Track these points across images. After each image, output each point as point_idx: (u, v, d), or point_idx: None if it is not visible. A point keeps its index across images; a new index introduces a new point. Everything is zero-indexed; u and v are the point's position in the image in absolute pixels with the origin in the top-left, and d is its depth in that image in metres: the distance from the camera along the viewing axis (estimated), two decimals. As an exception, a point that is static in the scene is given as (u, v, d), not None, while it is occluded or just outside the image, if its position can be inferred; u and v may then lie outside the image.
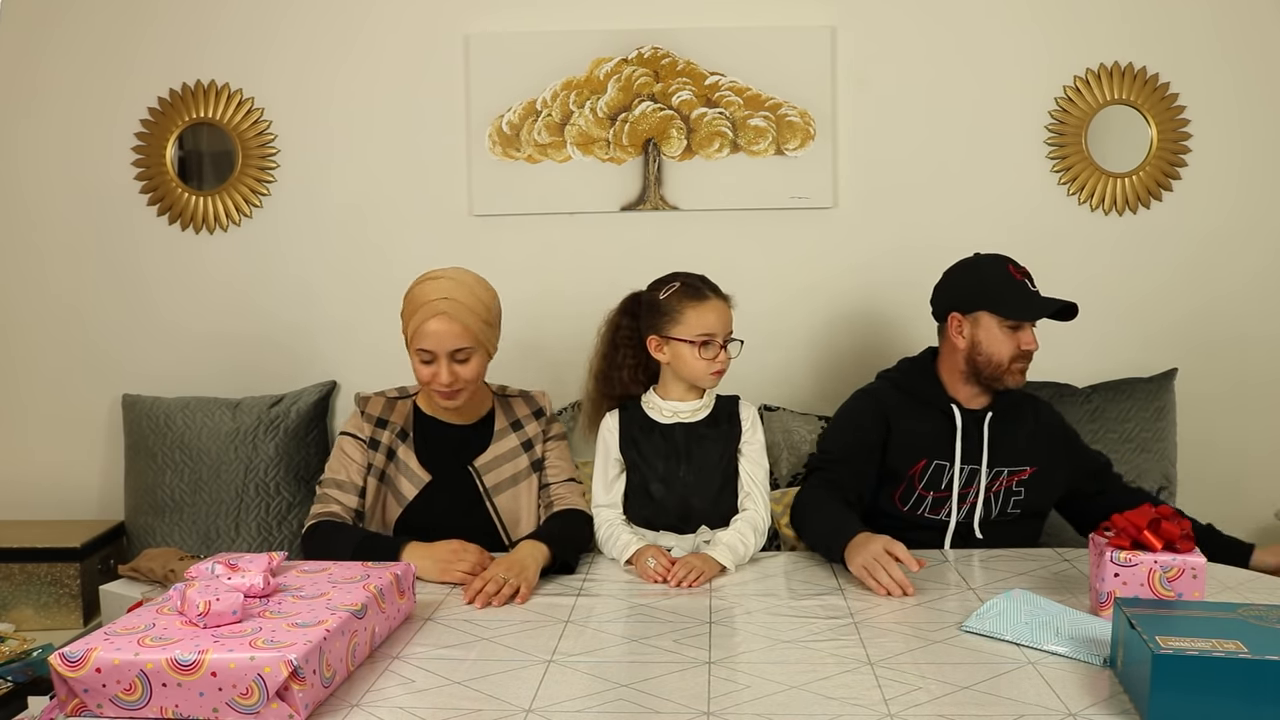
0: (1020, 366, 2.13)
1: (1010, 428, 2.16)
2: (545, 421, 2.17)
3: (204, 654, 1.28)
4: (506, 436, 2.13)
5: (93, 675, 1.29)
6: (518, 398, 2.19)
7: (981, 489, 2.14)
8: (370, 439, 2.08)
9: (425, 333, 1.98)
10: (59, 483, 3.01)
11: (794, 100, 2.87)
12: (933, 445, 2.14)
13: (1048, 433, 2.21)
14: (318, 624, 1.38)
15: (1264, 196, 2.90)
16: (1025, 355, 2.13)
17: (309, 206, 2.97)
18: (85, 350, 3.01)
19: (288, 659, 1.27)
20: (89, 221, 2.98)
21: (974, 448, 2.14)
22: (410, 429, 2.10)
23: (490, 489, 2.09)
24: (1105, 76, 2.87)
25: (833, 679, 1.42)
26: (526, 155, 2.91)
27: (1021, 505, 2.16)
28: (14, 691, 2.30)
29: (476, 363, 2.03)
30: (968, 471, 2.14)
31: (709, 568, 1.88)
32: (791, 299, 2.94)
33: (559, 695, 1.38)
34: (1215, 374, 2.92)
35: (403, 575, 1.66)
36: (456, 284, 2.01)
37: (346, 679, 1.43)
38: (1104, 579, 1.61)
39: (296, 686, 1.28)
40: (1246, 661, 1.22)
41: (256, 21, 2.93)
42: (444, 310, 1.97)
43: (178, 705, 1.29)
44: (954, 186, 2.92)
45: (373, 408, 2.11)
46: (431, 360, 2.00)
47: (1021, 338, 2.11)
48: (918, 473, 2.13)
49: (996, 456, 2.14)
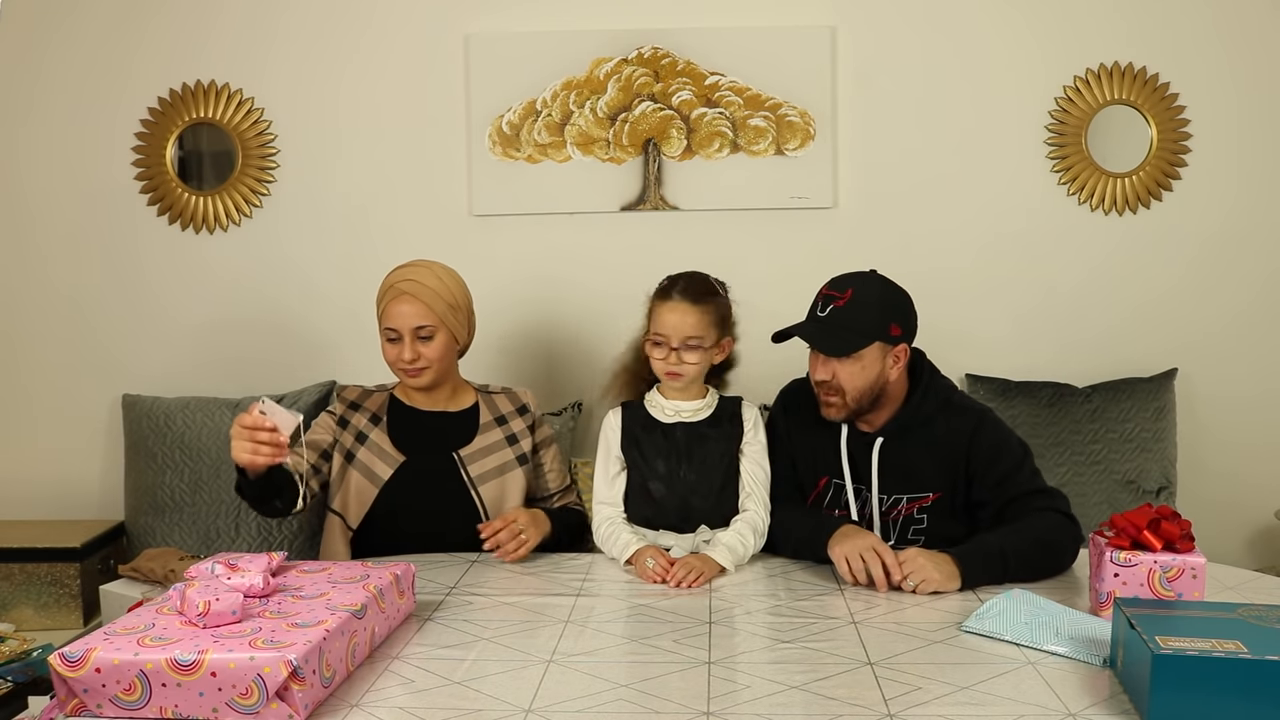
0: (823, 398, 1.99)
1: (910, 450, 2.00)
2: (530, 418, 2.26)
3: (204, 654, 1.28)
4: (491, 430, 2.23)
5: (92, 675, 1.29)
6: (500, 394, 2.28)
7: (875, 514, 2.02)
8: (340, 418, 2.20)
9: (389, 313, 2.13)
10: (59, 483, 3.01)
11: (794, 100, 2.87)
12: (828, 463, 2.05)
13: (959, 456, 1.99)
14: (317, 624, 1.38)
15: (1264, 196, 2.90)
16: (820, 385, 1.98)
17: (309, 206, 2.97)
18: (85, 350, 3.01)
19: (287, 659, 1.27)
20: (89, 221, 2.98)
21: (864, 471, 2.02)
22: (384, 414, 2.21)
23: (475, 479, 2.17)
24: (1105, 76, 2.87)
25: (833, 679, 1.42)
26: (526, 155, 2.91)
27: (924, 533, 1.99)
28: (14, 691, 2.30)
29: (440, 343, 2.14)
30: (863, 494, 2.03)
31: (709, 568, 1.88)
32: (791, 299, 2.92)
33: (559, 695, 1.38)
34: (1215, 374, 2.92)
35: (402, 575, 1.66)
36: (422, 269, 2.16)
37: (346, 679, 1.43)
38: (1104, 579, 1.61)
39: (296, 686, 1.28)
40: (1246, 661, 1.22)
41: (256, 21, 2.93)
42: (407, 290, 2.12)
43: (177, 705, 1.29)
44: (954, 186, 2.92)
45: (348, 393, 2.25)
46: (397, 339, 2.12)
47: (811, 364, 2.00)
48: (819, 491, 2.08)
49: (889, 482, 2.00)
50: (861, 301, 1.95)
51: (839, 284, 1.98)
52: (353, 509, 2.15)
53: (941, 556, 1.80)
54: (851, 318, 1.93)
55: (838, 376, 1.96)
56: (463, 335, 2.21)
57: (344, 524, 2.16)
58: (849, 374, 1.95)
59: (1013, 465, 1.98)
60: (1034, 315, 2.94)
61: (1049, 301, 2.94)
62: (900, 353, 1.99)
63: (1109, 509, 2.64)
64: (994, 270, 2.92)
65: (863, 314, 1.94)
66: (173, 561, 2.56)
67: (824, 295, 1.98)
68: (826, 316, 1.95)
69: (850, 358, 1.94)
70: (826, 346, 1.95)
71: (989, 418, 2.04)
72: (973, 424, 2.00)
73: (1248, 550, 2.95)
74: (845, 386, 1.96)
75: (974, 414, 2.03)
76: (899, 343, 1.98)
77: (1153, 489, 2.75)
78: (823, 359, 1.97)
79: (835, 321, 1.94)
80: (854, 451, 2.03)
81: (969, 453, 1.98)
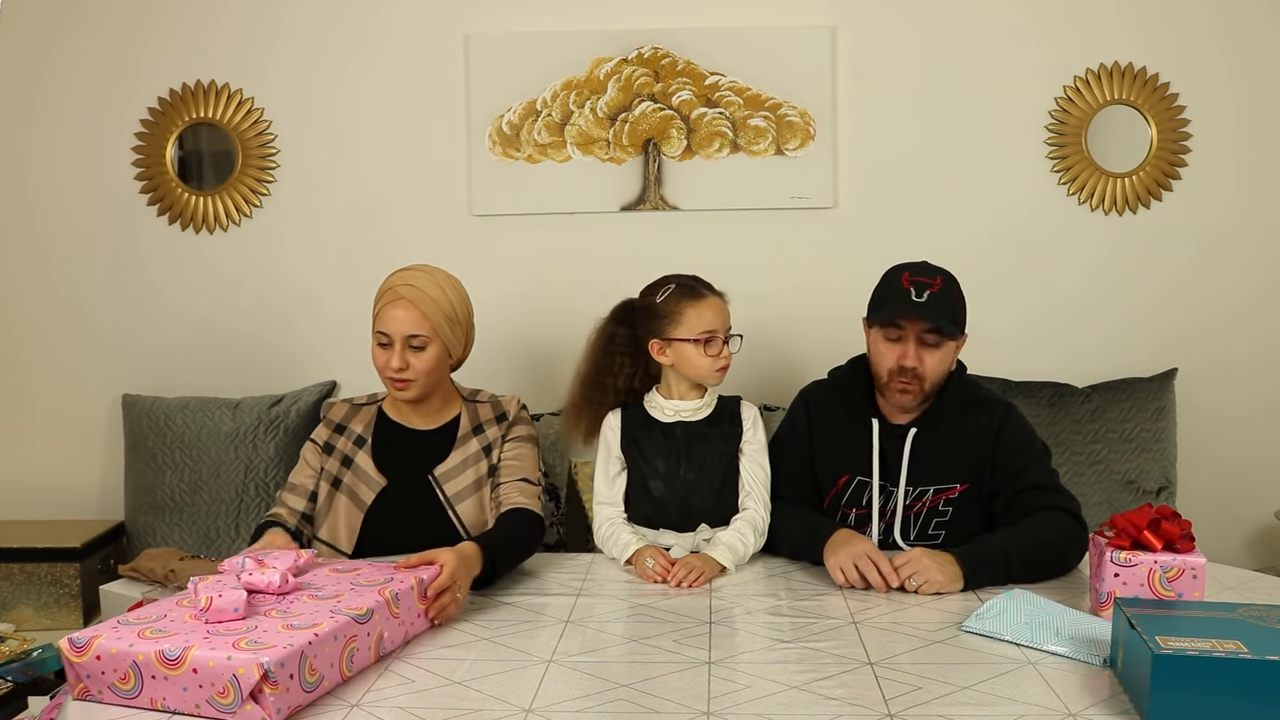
0: (900, 385, 1.96)
1: (940, 442, 2.01)
2: (506, 425, 2.11)
3: (188, 650, 1.30)
4: (468, 442, 2.09)
5: (93, 662, 1.32)
6: (486, 403, 2.14)
7: (899, 509, 2.01)
8: (325, 444, 2.09)
9: (384, 316, 2.02)
10: (59, 483, 3.01)
11: (794, 100, 2.87)
12: (854, 460, 2.05)
13: (986, 447, 2.01)
14: (310, 627, 1.37)
15: (1264, 196, 2.90)
16: (903, 371, 1.95)
17: (309, 206, 2.97)
18: (85, 350, 3.01)
19: (260, 661, 1.27)
20: (89, 222, 2.98)
21: (894, 465, 2.02)
22: (370, 435, 2.09)
23: (451, 498, 2.05)
24: (1105, 76, 2.87)
25: (833, 679, 1.42)
26: (526, 155, 2.91)
27: (946, 527, 2.00)
28: (14, 691, 2.30)
29: (431, 355, 2.01)
30: (887, 490, 2.03)
31: (709, 568, 1.88)
32: (791, 299, 2.94)
33: (559, 695, 1.38)
34: (1215, 374, 2.92)
35: (429, 579, 1.62)
36: (424, 275, 2.05)
37: (344, 683, 1.42)
38: (1104, 579, 1.61)
39: (269, 690, 1.28)
40: (1246, 661, 1.22)
41: (257, 21, 2.93)
42: (405, 296, 2.00)
43: (165, 698, 1.31)
44: (954, 186, 2.92)
45: (334, 414, 2.12)
46: (388, 344, 2.01)
47: (898, 350, 1.95)
48: (839, 489, 2.07)
49: (918, 474, 2.01)
50: (951, 289, 1.97)
51: (925, 271, 1.97)
52: (343, 534, 2.04)
53: (945, 557, 1.80)
54: (948, 304, 1.95)
55: (925, 363, 1.95)
56: (457, 350, 2.08)
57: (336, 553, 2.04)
58: (935, 360, 1.96)
59: (1032, 459, 2.00)
60: (1034, 315, 2.94)
61: (1049, 302, 2.94)
62: (962, 344, 2.03)
63: (1109, 509, 2.64)
64: (994, 270, 2.92)
65: (955, 301, 1.97)
66: (173, 561, 2.55)
67: (915, 281, 1.94)
68: (927, 301, 1.92)
69: (941, 345, 1.95)
70: (946, 327, 1.93)
71: (1015, 411, 2.07)
72: (1001, 416, 2.03)
73: (1248, 550, 2.95)
74: (928, 374, 1.96)
75: (1002, 407, 2.06)
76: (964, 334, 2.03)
77: (1153, 489, 2.74)
78: (915, 346, 1.94)
79: (939, 305, 1.93)
80: (884, 446, 2.04)
81: (995, 444, 2.00)
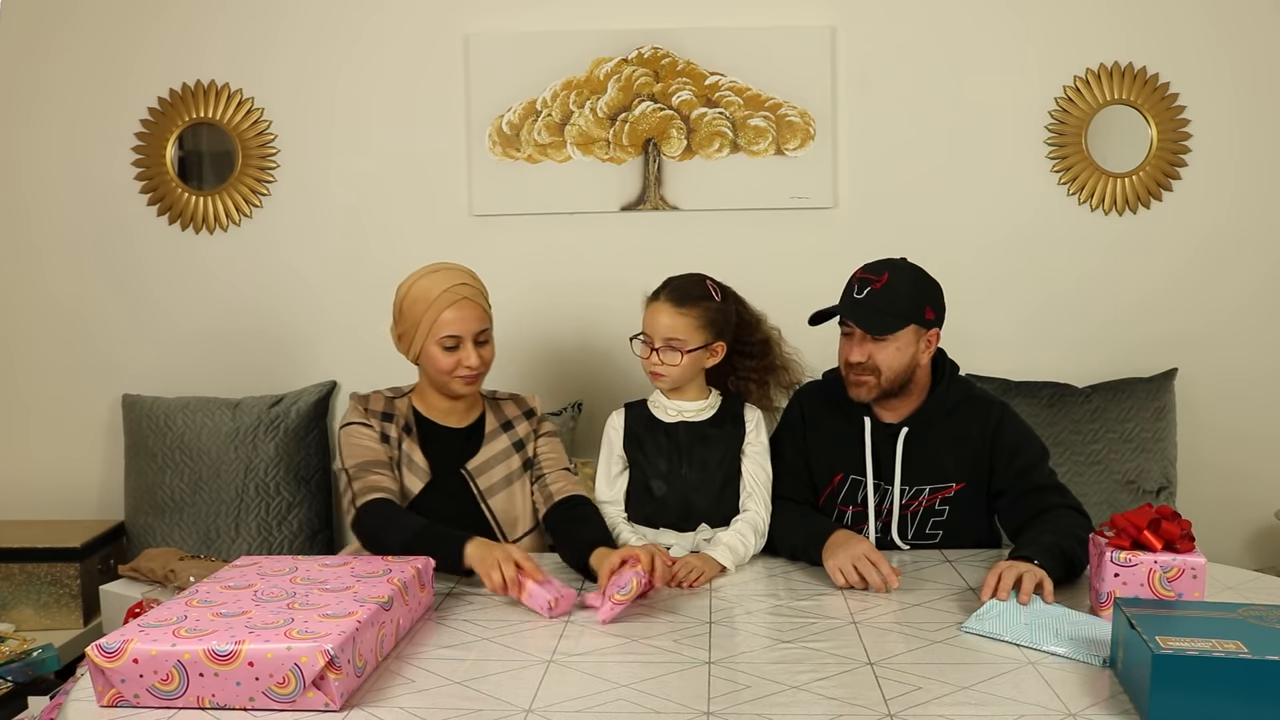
0: (854, 379, 2.00)
1: (933, 440, 2.03)
2: (536, 421, 2.14)
3: (240, 644, 1.32)
4: (498, 438, 2.10)
5: (130, 666, 1.33)
6: (508, 400, 2.17)
7: (895, 508, 2.03)
8: (382, 433, 2.03)
9: (448, 320, 1.98)
10: (59, 483, 3.01)
11: (794, 100, 2.87)
12: (847, 458, 2.07)
13: (983, 446, 2.02)
14: (349, 615, 1.42)
15: (1264, 196, 2.90)
16: (853, 366, 1.99)
17: (309, 206, 2.97)
18: (85, 350, 3.01)
19: (324, 649, 1.31)
20: (89, 221, 2.98)
21: (887, 463, 2.04)
22: (413, 425, 2.07)
23: (484, 491, 2.06)
24: (1105, 76, 2.87)
25: (833, 679, 1.42)
26: (526, 155, 2.91)
27: (943, 526, 2.03)
28: (14, 691, 2.30)
29: (492, 345, 2.06)
30: (882, 489, 2.04)
31: (709, 568, 1.88)
32: (791, 299, 2.92)
33: (559, 695, 1.38)
34: (1215, 374, 2.92)
35: (423, 569, 1.69)
36: (463, 272, 2.06)
37: (376, 669, 1.46)
38: (1104, 579, 1.61)
39: (333, 675, 1.32)
40: (1246, 661, 1.22)
41: (256, 21, 2.93)
42: (465, 295, 2.00)
43: (214, 695, 1.33)
44: (954, 186, 2.92)
45: (375, 404, 2.07)
46: (455, 347, 1.99)
47: (847, 346, 2.00)
48: (834, 487, 2.08)
49: (912, 473, 2.03)
50: (898, 284, 1.98)
51: (874, 268, 2.01)
52: None
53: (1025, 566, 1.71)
54: (889, 300, 1.96)
55: (874, 358, 1.97)
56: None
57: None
58: (886, 355, 1.97)
59: (1036, 456, 2.02)
60: (1034, 315, 2.94)
61: (1049, 301, 2.94)
62: (933, 337, 2.03)
63: (1109, 509, 2.64)
64: (994, 270, 2.92)
65: (900, 296, 1.97)
66: (173, 561, 2.55)
67: (859, 279, 1.99)
68: (864, 298, 1.96)
69: (888, 339, 1.97)
70: (869, 326, 1.96)
71: (1010, 410, 2.08)
72: (996, 416, 2.04)
73: (1248, 550, 2.95)
74: (881, 367, 1.98)
75: (997, 406, 2.07)
76: (932, 327, 2.01)
77: (1153, 489, 2.75)
78: (859, 341, 1.98)
79: (874, 303, 1.96)
80: (876, 444, 2.05)
81: (993, 444, 2.02)
